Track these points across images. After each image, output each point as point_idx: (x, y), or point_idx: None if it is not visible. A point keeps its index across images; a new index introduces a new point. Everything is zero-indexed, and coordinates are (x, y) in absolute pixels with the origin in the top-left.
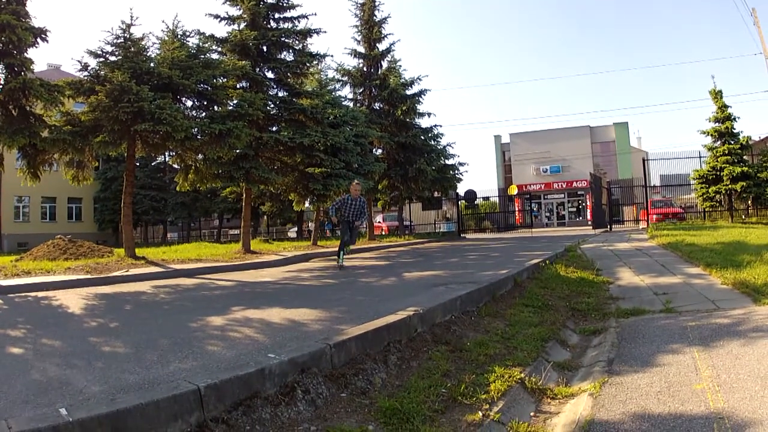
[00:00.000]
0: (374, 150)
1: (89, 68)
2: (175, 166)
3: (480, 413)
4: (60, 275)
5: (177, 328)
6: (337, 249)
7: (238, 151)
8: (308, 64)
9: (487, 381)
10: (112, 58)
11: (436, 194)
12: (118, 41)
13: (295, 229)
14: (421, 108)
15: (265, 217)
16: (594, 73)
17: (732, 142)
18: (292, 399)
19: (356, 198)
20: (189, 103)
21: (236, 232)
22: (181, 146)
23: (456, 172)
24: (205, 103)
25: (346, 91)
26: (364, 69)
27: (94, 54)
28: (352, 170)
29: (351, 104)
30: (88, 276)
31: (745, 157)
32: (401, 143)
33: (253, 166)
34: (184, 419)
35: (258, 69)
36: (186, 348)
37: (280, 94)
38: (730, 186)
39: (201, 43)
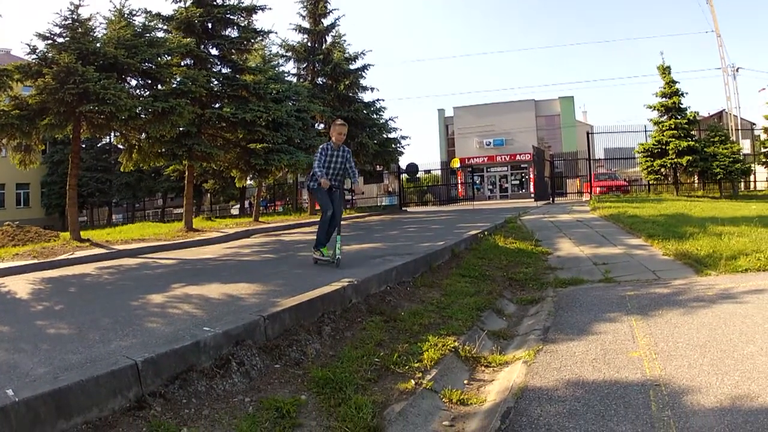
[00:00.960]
0: (316, 125)
1: (37, 51)
2: (120, 146)
3: (413, 381)
4: (8, 262)
5: (119, 307)
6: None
7: (181, 128)
8: (252, 41)
9: (421, 350)
10: (60, 40)
11: (378, 168)
12: (67, 22)
13: (238, 206)
14: (364, 82)
15: (209, 195)
16: (542, 48)
17: (679, 117)
18: (227, 371)
19: (339, 147)
20: (133, 82)
21: (180, 211)
22: (124, 126)
23: (398, 145)
24: (150, 81)
25: (290, 67)
26: (309, 44)
27: (42, 36)
28: (294, 145)
29: (294, 79)
30: (35, 261)
31: (693, 132)
32: (343, 117)
33: (195, 142)
34: (124, 394)
35: (203, 46)
36: (127, 326)
37: (224, 70)
38: (675, 160)
39: (147, 22)
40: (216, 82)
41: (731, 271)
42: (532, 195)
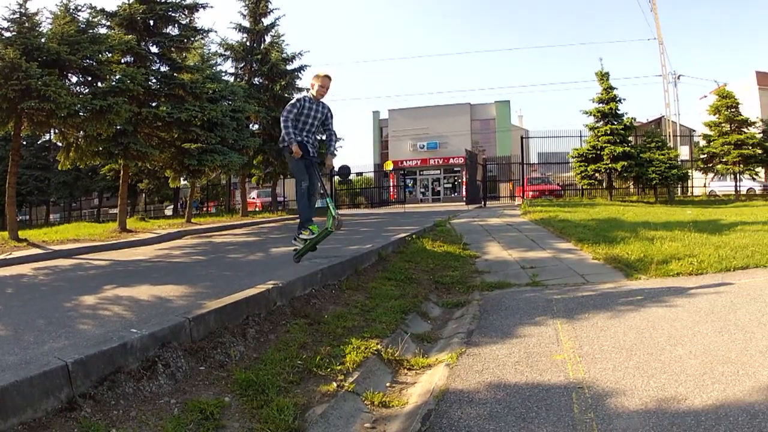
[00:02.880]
0: (251, 125)
1: None
2: (59, 143)
3: (335, 384)
4: None
5: (53, 308)
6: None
7: (117, 127)
8: (192, 39)
9: (344, 353)
10: (7, 35)
11: None
12: (14, 17)
13: (172, 206)
14: (300, 83)
15: (143, 194)
16: (479, 52)
17: (615, 123)
18: (154, 373)
19: (318, 102)
20: (74, 79)
21: (115, 210)
22: (63, 123)
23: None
24: (90, 78)
25: (228, 66)
26: (248, 44)
27: None
28: (228, 145)
29: (231, 79)
30: None
31: (629, 138)
32: (277, 118)
33: (131, 141)
34: (55, 395)
35: (143, 43)
36: (60, 328)
37: (163, 68)
38: (610, 165)
39: (91, 18)
40: (154, 81)
41: (662, 275)
42: (465, 198)
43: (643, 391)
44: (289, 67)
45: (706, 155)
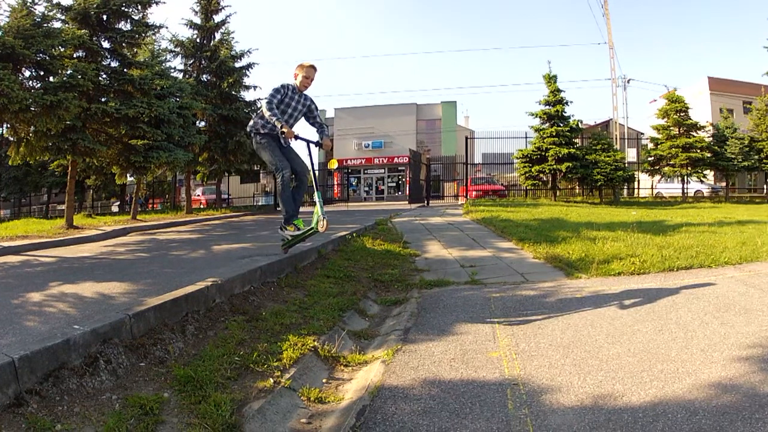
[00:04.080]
0: (197, 122)
1: None
2: (11, 138)
3: (272, 380)
4: None
5: (1, 306)
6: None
7: (67, 122)
8: (144, 35)
9: (281, 349)
10: None
11: (255, 168)
12: None
13: (118, 202)
14: (247, 81)
15: (91, 191)
16: (429, 53)
17: (561, 125)
18: (96, 369)
19: (301, 93)
20: (27, 74)
21: (64, 207)
22: (15, 118)
23: None
24: (42, 73)
25: (177, 63)
26: (198, 40)
27: None
28: (174, 142)
29: (180, 75)
30: None
31: (575, 140)
32: (224, 116)
33: (80, 137)
34: (4, 391)
35: (95, 38)
36: (7, 324)
37: (113, 64)
38: (555, 166)
39: (47, 11)
40: (104, 76)
41: (603, 274)
42: (408, 197)
43: (579, 388)
44: (237, 65)
45: (653, 158)
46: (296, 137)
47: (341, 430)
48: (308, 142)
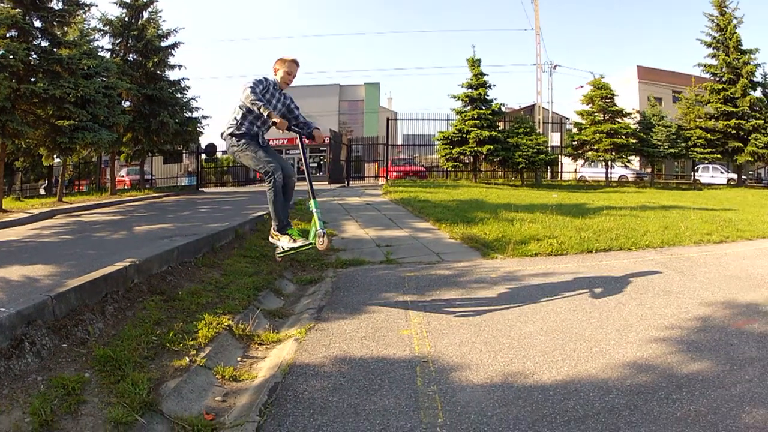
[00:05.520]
0: (123, 102)
1: None
2: None
3: (187, 359)
4: None
5: None
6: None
7: None
8: (75, 13)
9: (197, 328)
10: None
11: (178, 148)
12: None
13: (46, 184)
14: (172, 60)
15: (20, 173)
16: (354, 34)
17: (484, 108)
18: (22, 351)
19: (281, 91)
20: None
21: None
22: None
23: (199, 125)
24: None
25: (105, 42)
26: (126, 19)
27: None
28: (99, 122)
29: (108, 55)
30: None
31: (498, 123)
32: (148, 95)
33: (9, 119)
34: None
35: (28, 17)
36: None
37: (44, 44)
38: (476, 148)
39: None
40: (35, 56)
41: (520, 255)
42: (328, 178)
43: (489, 365)
44: (163, 44)
45: (576, 142)
46: (289, 128)
47: (254, 407)
48: (301, 134)
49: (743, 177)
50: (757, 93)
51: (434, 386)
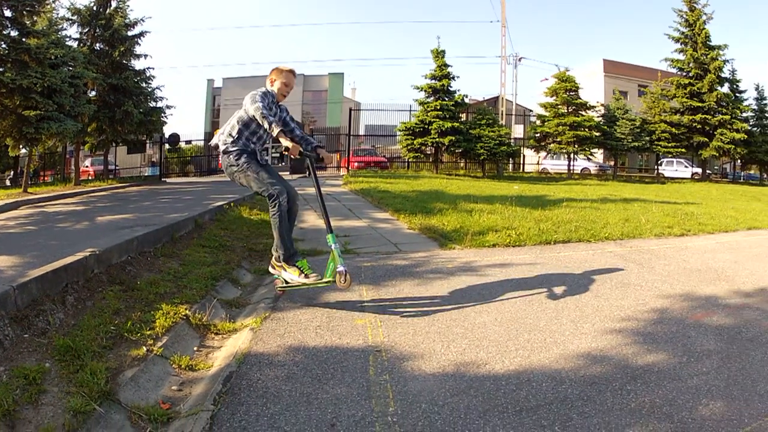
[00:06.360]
0: (88, 91)
1: None
2: None
3: (144, 348)
4: None
5: None
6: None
7: None
8: (44, 2)
9: (154, 318)
10: None
11: (142, 138)
12: None
13: (11, 175)
14: (138, 50)
15: None
16: (318, 24)
17: (446, 99)
18: None
19: (278, 104)
20: None
21: None
22: None
23: (163, 115)
24: None
25: (73, 31)
26: (94, 8)
27: None
28: (64, 112)
29: (75, 44)
30: None
31: (461, 114)
32: (113, 85)
33: None
34: None
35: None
36: None
37: (13, 33)
38: (437, 139)
39: None
40: (3, 46)
41: (477, 245)
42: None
43: (442, 355)
44: (130, 33)
45: (539, 134)
46: (301, 153)
47: (209, 396)
48: (312, 158)
49: (708, 171)
50: (725, 89)
51: (386, 375)
